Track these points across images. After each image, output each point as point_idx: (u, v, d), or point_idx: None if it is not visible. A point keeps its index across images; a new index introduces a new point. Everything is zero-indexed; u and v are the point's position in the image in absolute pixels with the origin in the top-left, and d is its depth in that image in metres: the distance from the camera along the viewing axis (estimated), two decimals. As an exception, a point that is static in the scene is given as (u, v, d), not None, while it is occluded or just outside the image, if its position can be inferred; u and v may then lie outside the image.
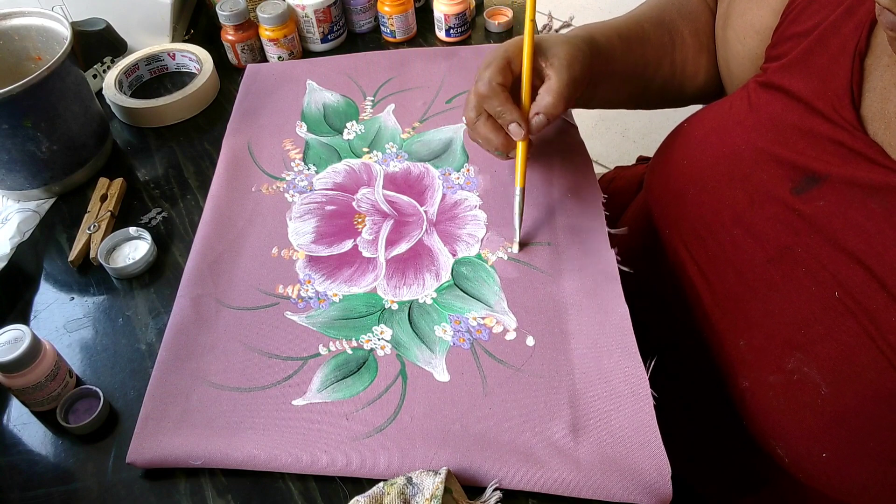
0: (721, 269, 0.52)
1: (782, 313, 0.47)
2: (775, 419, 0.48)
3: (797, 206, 0.47)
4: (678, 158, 0.58)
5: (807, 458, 0.47)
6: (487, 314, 0.54)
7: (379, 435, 0.47)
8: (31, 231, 0.66)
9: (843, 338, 0.43)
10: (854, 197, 0.44)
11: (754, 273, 0.49)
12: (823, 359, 0.44)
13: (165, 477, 0.48)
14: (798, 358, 0.46)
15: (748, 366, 0.50)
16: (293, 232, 0.62)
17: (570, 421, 0.47)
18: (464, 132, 0.69)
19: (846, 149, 0.44)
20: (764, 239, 0.49)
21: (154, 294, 0.59)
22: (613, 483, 0.44)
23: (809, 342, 0.45)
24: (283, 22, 0.79)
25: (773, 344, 0.47)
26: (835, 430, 0.45)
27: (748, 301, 0.50)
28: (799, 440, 0.47)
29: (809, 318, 0.45)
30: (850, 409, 0.43)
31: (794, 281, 0.46)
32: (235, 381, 0.51)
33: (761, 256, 0.49)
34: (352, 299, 0.56)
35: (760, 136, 0.50)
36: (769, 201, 0.48)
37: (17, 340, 0.49)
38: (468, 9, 0.82)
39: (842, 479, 0.46)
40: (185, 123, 0.76)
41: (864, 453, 0.44)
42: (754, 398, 0.50)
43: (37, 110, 0.62)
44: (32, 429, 0.52)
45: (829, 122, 0.46)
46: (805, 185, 0.46)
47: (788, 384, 0.46)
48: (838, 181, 0.44)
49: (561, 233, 0.58)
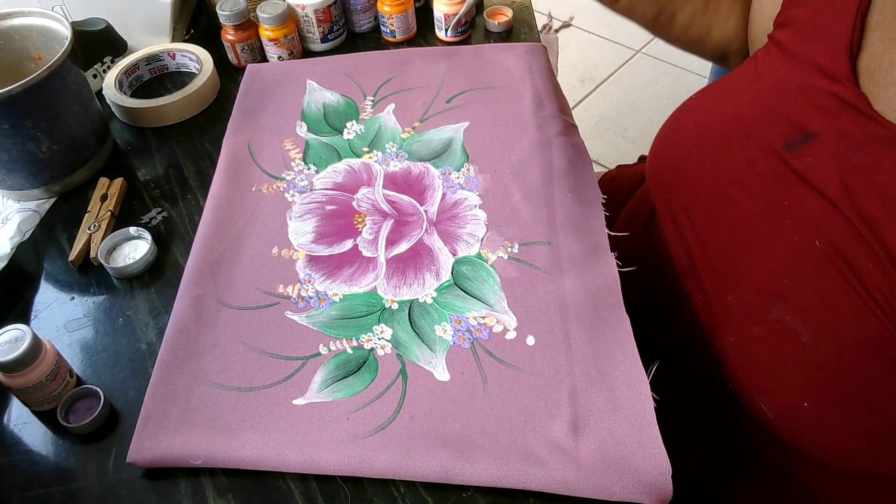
0: (715, 228, 0.53)
1: (767, 265, 0.48)
2: (759, 372, 0.49)
3: (789, 160, 0.48)
4: (683, 125, 0.59)
5: (788, 411, 0.48)
6: (488, 313, 0.54)
7: (379, 434, 0.47)
8: (31, 231, 0.66)
9: (823, 286, 0.44)
10: (840, 151, 0.45)
11: (744, 228, 0.50)
12: (804, 307, 0.45)
13: (166, 476, 0.48)
14: (780, 307, 0.47)
15: (735, 320, 0.51)
16: (293, 232, 0.62)
17: (571, 420, 0.47)
18: (464, 132, 0.69)
19: (838, 100, 0.46)
20: (756, 194, 0.50)
21: (154, 294, 0.59)
22: (614, 482, 0.44)
23: (791, 291, 0.46)
24: (283, 22, 0.79)
25: (759, 296, 0.49)
26: (815, 378, 0.45)
27: (737, 256, 0.51)
28: (781, 391, 0.48)
29: (792, 268, 0.46)
30: (829, 357, 0.44)
31: (780, 233, 0.48)
32: (236, 380, 0.51)
33: (752, 211, 0.50)
34: (352, 299, 0.56)
35: (764, 98, 0.52)
36: (763, 157, 0.50)
37: (17, 340, 0.49)
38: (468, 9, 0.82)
39: (822, 431, 0.47)
40: (185, 123, 0.76)
41: (843, 401, 0.45)
42: (740, 352, 0.50)
43: (37, 110, 0.62)
44: (33, 428, 0.52)
45: (827, 77, 0.47)
46: (798, 143, 0.48)
47: (771, 334, 0.47)
48: (828, 137, 0.46)
49: (561, 232, 0.58)
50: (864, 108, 0.44)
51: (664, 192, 0.60)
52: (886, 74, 0.44)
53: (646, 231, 0.63)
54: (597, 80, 1.91)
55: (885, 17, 0.46)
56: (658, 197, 0.61)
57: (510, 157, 0.66)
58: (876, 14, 0.46)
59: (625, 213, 0.73)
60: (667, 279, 0.59)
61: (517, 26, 0.86)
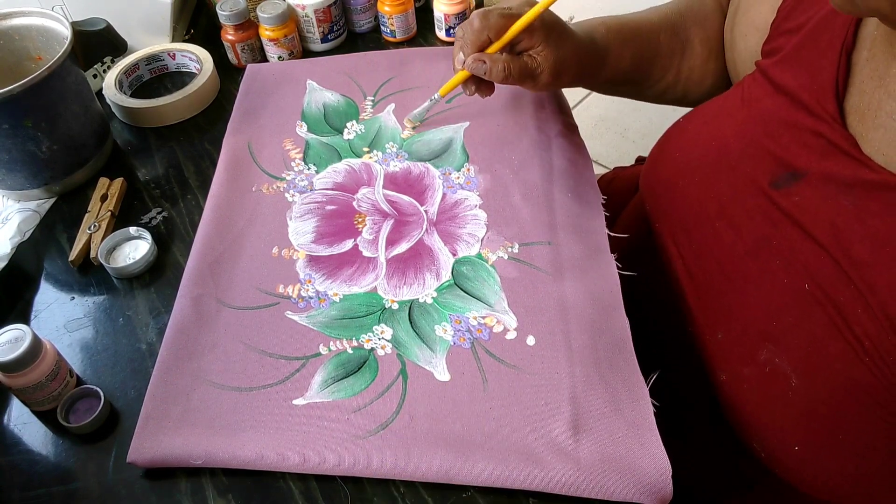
0: (703, 262, 0.53)
1: (757, 304, 0.48)
2: (750, 412, 0.49)
3: (776, 199, 0.47)
4: (672, 151, 0.59)
5: (780, 452, 0.47)
6: (488, 313, 0.54)
7: (379, 434, 0.47)
8: (31, 231, 0.66)
9: (812, 329, 0.44)
10: (829, 193, 0.44)
11: (733, 265, 0.50)
12: (793, 349, 0.45)
13: (166, 476, 0.48)
14: (770, 349, 0.46)
15: (726, 358, 0.50)
16: (293, 232, 0.62)
17: (571, 420, 0.47)
18: (464, 132, 0.69)
19: (825, 140, 0.45)
20: (744, 230, 0.49)
21: (154, 294, 0.59)
22: (614, 482, 0.44)
23: (780, 333, 0.46)
24: (283, 22, 0.79)
25: (748, 335, 0.48)
26: (804, 422, 0.45)
27: (727, 293, 0.50)
28: (772, 433, 0.47)
29: (781, 309, 0.46)
30: (819, 401, 0.44)
31: (769, 273, 0.47)
32: (236, 380, 0.51)
33: (740, 248, 0.49)
34: (352, 299, 0.56)
35: (749, 129, 0.51)
36: (750, 194, 0.49)
37: (17, 340, 0.49)
38: (468, 9, 0.82)
39: (814, 473, 0.47)
40: (185, 123, 0.76)
41: (833, 446, 0.45)
42: (731, 391, 0.50)
43: (37, 110, 0.62)
44: (33, 428, 0.52)
45: (812, 116, 0.46)
46: (785, 181, 0.47)
47: (761, 376, 0.47)
48: (816, 177, 0.45)
49: (561, 232, 0.58)
50: (852, 151, 0.43)
51: (656, 217, 0.60)
52: (875, 116, 0.43)
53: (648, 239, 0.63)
54: (597, 80, 1.91)
55: (874, 54, 0.44)
56: (654, 217, 0.61)
57: (510, 157, 0.66)
58: (864, 51, 0.45)
59: (626, 214, 0.73)
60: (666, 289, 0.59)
61: (517, 26, 0.86)
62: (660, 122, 1.78)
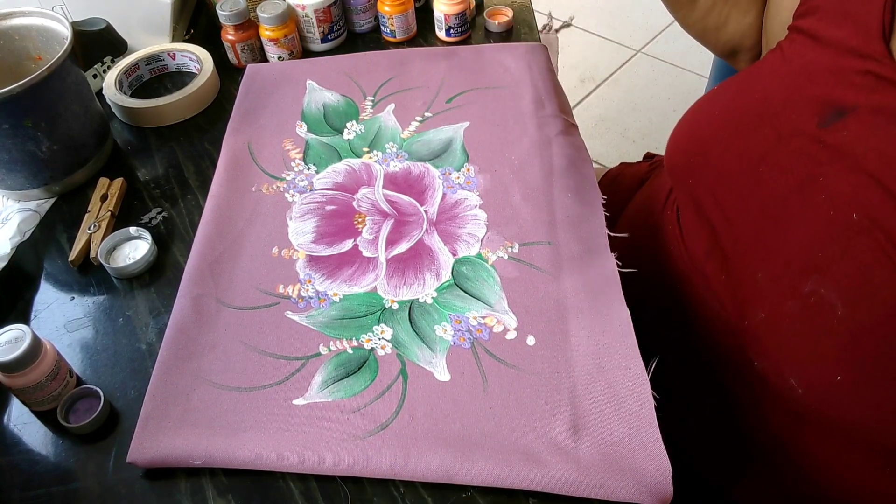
0: (745, 207, 0.53)
1: (801, 239, 0.48)
2: (791, 346, 0.49)
3: (822, 137, 0.48)
4: (708, 112, 0.59)
5: (820, 384, 0.48)
6: (488, 313, 0.54)
7: (379, 434, 0.47)
8: (31, 231, 0.66)
9: (859, 256, 0.44)
10: (878, 124, 0.45)
11: (776, 205, 0.50)
12: (840, 278, 0.45)
13: (166, 477, 0.48)
14: (815, 280, 0.46)
15: (765, 297, 0.51)
16: (293, 232, 0.62)
17: (571, 420, 0.47)
18: (464, 132, 0.69)
19: (875, 77, 0.46)
20: (788, 172, 0.50)
21: (154, 294, 0.59)
22: (614, 482, 0.44)
23: (826, 263, 0.46)
24: (283, 22, 0.79)
25: (792, 271, 0.48)
26: (850, 351, 0.45)
27: (769, 233, 0.51)
28: (814, 365, 0.48)
29: (826, 240, 0.46)
30: (865, 329, 0.44)
31: (814, 207, 0.47)
32: (236, 380, 0.51)
33: (784, 189, 0.50)
34: (352, 299, 0.56)
35: (793, 81, 0.52)
36: (795, 136, 0.50)
37: (17, 340, 0.49)
38: (468, 9, 0.82)
39: (853, 403, 0.47)
40: (185, 123, 0.76)
41: (877, 373, 0.45)
42: (770, 328, 0.50)
43: (37, 110, 0.62)
44: (33, 428, 0.52)
45: (860, 57, 0.47)
46: (832, 119, 0.48)
47: (804, 308, 0.47)
48: (865, 111, 0.46)
49: (561, 232, 0.58)
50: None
51: (686, 178, 0.60)
52: None
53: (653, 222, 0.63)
54: (597, 80, 1.91)
55: None
56: (679, 183, 0.61)
57: (510, 157, 0.66)
58: None
59: (632, 206, 0.73)
60: (676, 266, 0.59)
61: (517, 26, 0.86)
62: (660, 123, 1.78)
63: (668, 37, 1.99)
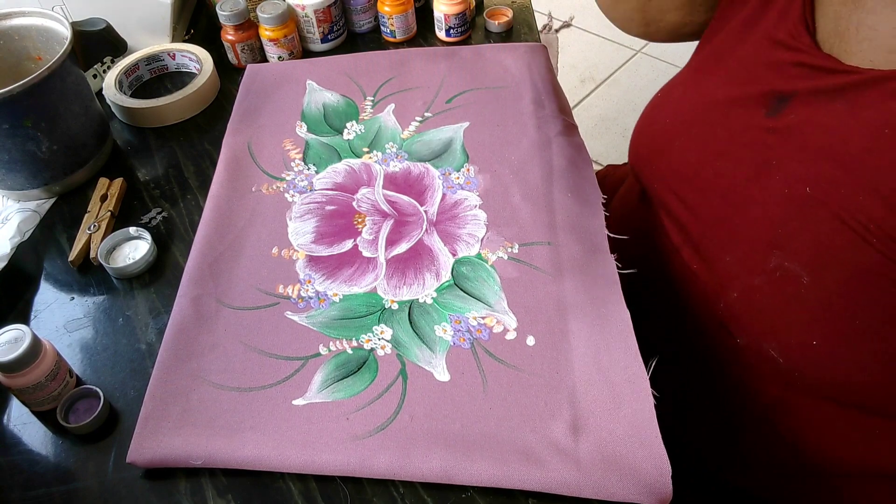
0: (706, 198, 0.55)
1: (762, 220, 0.50)
2: (766, 319, 0.51)
3: (771, 125, 0.50)
4: (660, 117, 0.62)
5: (799, 351, 0.50)
6: (488, 314, 0.54)
7: (379, 434, 0.47)
8: (31, 231, 0.66)
9: (817, 227, 0.46)
10: (820, 102, 0.47)
11: (736, 192, 0.52)
12: (801, 250, 0.47)
13: (166, 477, 0.48)
14: (778, 255, 0.49)
15: (736, 276, 0.53)
16: (293, 232, 0.62)
17: (571, 420, 0.47)
18: (464, 132, 0.69)
19: (807, 67, 0.49)
20: (744, 161, 0.52)
21: (154, 294, 0.59)
22: (613, 482, 0.44)
23: (786, 238, 0.48)
24: (283, 22, 0.79)
25: (756, 249, 0.51)
26: (821, 315, 0.47)
27: (731, 218, 0.53)
28: (791, 333, 0.50)
29: (785, 217, 0.48)
30: (833, 292, 0.46)
31: (770, 189, 0.50)
32: (236, 380, 0.51)
33: (742, 177, 0.52)
34: (352, 299, 0.56)
35: (734, 81, 0.54)
36: (747, 129, 0.52)
37: (17, 340, 0.49)
38: (468, 9, 0.82)
39: (832, 365, 0.49)
40: (185, 123, 0.76)
41: (850, 333, 0.47)
42: (745, 305, 0.52)
43: (37, 110, 0.62)
44: (33, 429, 0.52)
45: (790, 50, 0.50)
46: (777, 107, 0.50)
47: (772, 282, 0.49)
48: (805, 94, 0.48)
49: (561, 232, 0.58)
50: (837, 66, 0.47)
51: (649, 180, 0.62)
52: (857, 32, 0.46)
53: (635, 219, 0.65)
54: (597, 80, 1.91)
55: None
56: (647, 185, 0.63)
57: (510, 157, 0.66)
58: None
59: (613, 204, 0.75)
60: (660, 258, 0.61)
61: (517, 26, 0.86)
62: (660, 122, 1.78)
63: (668, 37, 1.99)
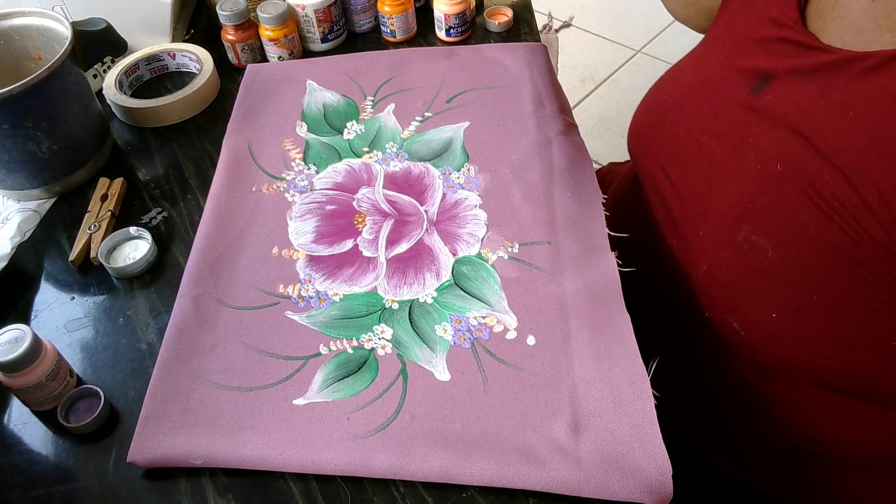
0: (688, 175, 0.57)
1: (733, 195, 0.52)
2: (730, 292, 0.53)
3: (752, 103, 0.52)
4: (659, 97, 0.63)
5: (759, 325, 0.51)
6: (488, 313, 0.54)
7: (380, 434, 0.47)
8: (31, 231, 0.66)
9: (784, 203, 0.48)
10: (797, 83, 0.49)
11: (713, 168, 0.54)
12: (768, 225, 0.49)
13: (166, 476, 0.48)
14: (746, 229, 0.50)
15: (706, 250, 0.54)
16: (293, 231, 0.62)
17: (571, 420, 0.47)
18: (464, 132, 0.69)
19: (791, 44, 0.50)
20: (724, 138, 0.54)
21: (154, 294, 0.59)
22: (614, 482, 0.44)
23: (755, 213, 0.50)
24: (283, 22, 0.79)
25: (726, 223, 0.52)
26: (782, 289, 0.49)
27: (706, 194, 0.55)
28: (752, 306, 0.51)
29: (755, 192, 0.50)
30: (794, 267, 0.48)
31: (744, 165, 0.51)
32: (236, 380, 0.51)
33: (720, 153, 0.54)
34: (352, 299, 0.56)
35: (725, 56, 0.56)
36: (731, 107, 0.54)
37: (17, 340, 0.49)
38: (468, 9, 0.82)
39: (790, 341, 0.50)
40: (185, 123, 0.76)
41: (809, 308, 0.48)
42: (711, 278, 0.54)
43: (37, 110, 0.62)
44: (33, 428, 0.52)
45: (778, 26, 0.51)
46: (759, 86, 0.52)
47: (739, 255, 0.51)
48: (785, 74, 0.50)
49: (561, 232, 0.58)
50: (814, 43, 0.48)
51: (643, 157, 0.64)
52: (833, 10, 0.48)
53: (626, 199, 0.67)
54: (597, 80, 1.91)
55: None
56: (639, 162, 0.65)
57: (510, 157, 0.66)
58: None
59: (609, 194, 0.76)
60: (648, 237, 0.63)
61: (517, 26, 0.86)
62: (660, 122, 1.78)
63: (668, 37, 1.99)
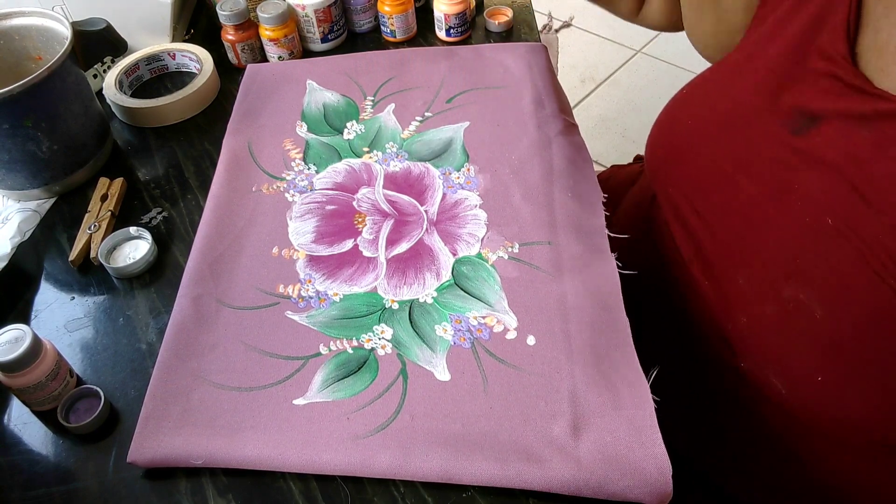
0: (723, 213, 0.53)
1: (778, 245, 0.48)
2: (772, 349, 0.50)
3: (796, 144, 0.48)
4: (680, 119, 0.59)
5: (802, 385, 0.49)
6: (488, 313, 0.54)
7: (380, 434, 0.47)
8: (31, 231, 0.66)
9: (835, 261, 0.44)
10: (848, 129, 0.45)
11: (754, 211, 0.50)
12: (818, 283, 0.45)
13: (166, 476, 0.48)
14: (793, 286, 0.47)
15: (746, 301, 0.51)
16: (293, 231, 0.62)
17: (571, 420, 0.47)
18: (464, 132, 0.69)
19: (840, 82, 0.46)
20: (764, 179, 0.50)
21: (154, 294, 0.59)
22: (614, 482, 0.44)
23: (804, 269, 0.46)
24: (283, 22, 0.79)
25: (770, 275, 0.49)
26: (830, 353, 0.46)
27: (747, 238, 0.51)
28: (795, 367, 0.49)
29: (804, 246, 0.46)
30: (844, 332, 0.45)
31: (790, 214, 0.48)
32: (236, 380, 0.51)
33: (760, 195, 0.50)
34: (352, 299, 0.56)
35: (761, 85, 0.51)
36: (769, 144, 0.50)
37: (17, 340, 0.49)
38: (468, 9, 0.82)
39: (835, 403, 0.48)
40: (185, 123, 0.76)
41: (857, 373, 0.46)
42: (752, 332, 0.51)
43: (37, 110, 0.62)
44: (33, 428, 0.52)
45: (824, 59, 0.47)
46: (804, 125, 0.48)
47: (784, 312, 0.48)
48: (834, 116, 0.46)
49: (561, 232, 0.58)
50: (867, 87, 0.44)
51: (664, 185, 0.60)
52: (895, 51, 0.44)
53: (645, 222, 0.64)
54: (597, 80, 1.91)
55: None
56: (658, 188, 0.61)
57: (510, 157, 0.66)
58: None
59: (624, 205, 0.74)
60: (668, 268, 0.60)
61: (517, 26, 0.86)
62: (660, 122, 1.78)
63: (667, 37, 1.99)
